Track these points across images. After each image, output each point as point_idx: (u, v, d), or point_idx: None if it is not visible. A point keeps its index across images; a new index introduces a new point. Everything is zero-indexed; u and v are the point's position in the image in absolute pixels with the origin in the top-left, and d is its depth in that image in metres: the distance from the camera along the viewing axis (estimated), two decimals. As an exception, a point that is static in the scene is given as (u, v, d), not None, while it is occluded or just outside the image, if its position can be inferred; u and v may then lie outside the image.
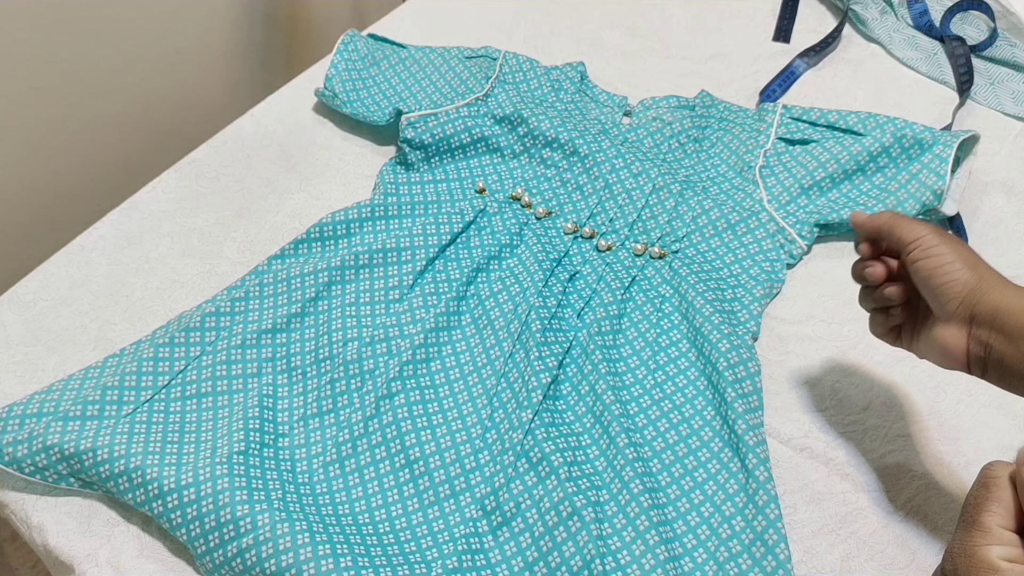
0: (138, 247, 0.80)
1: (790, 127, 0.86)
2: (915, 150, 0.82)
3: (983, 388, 0.72)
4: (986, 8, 1.02)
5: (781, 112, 0.87)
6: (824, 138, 0.84)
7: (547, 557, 0.60)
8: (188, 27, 1.07)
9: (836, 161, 0.82)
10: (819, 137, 0.85)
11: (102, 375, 0.68)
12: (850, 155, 0.82)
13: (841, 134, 0.84)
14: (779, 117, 0.86)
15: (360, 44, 0.92)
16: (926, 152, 0.82)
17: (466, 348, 0.71)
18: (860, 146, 0.82)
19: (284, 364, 0.69)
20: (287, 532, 0.57)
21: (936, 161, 0.80)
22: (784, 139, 0.85)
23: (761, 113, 0.88)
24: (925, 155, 0.81)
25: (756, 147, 0.84)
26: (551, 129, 0.83)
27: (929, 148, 0.82)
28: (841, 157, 0.82)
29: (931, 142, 0.82)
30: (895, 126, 0.83)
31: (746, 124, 0.87)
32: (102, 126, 1.05)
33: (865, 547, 0.64)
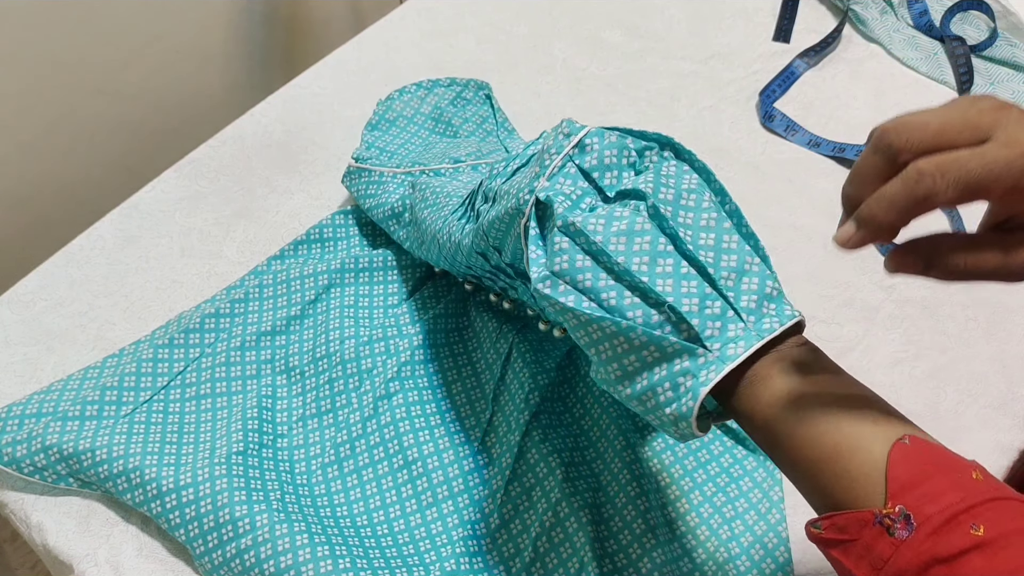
0: (138, 247, 0.80)
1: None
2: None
3: (983, 388, 0.72)
4: (986, 8, 1.02)
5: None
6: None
7: (544, 558, 0.60)
8: (188, 27, 1.07)
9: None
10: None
11: (101, 375, 0.68)
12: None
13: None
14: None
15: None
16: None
17: (463, 351, 0.71)
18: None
19: (283, 364, 0.69)
20: (286, 533, 0.57)
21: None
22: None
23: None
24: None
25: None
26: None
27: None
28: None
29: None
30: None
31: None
32: (102, 126, 1.05)
33: (865, 547, 0.63)
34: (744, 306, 0.45)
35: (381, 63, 0.96)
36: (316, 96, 0.93)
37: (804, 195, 0.86)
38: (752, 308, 0.45)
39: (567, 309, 0.46)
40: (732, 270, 0.46)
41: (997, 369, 0.73)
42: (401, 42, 0.99)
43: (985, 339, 0.75)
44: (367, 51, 0.98)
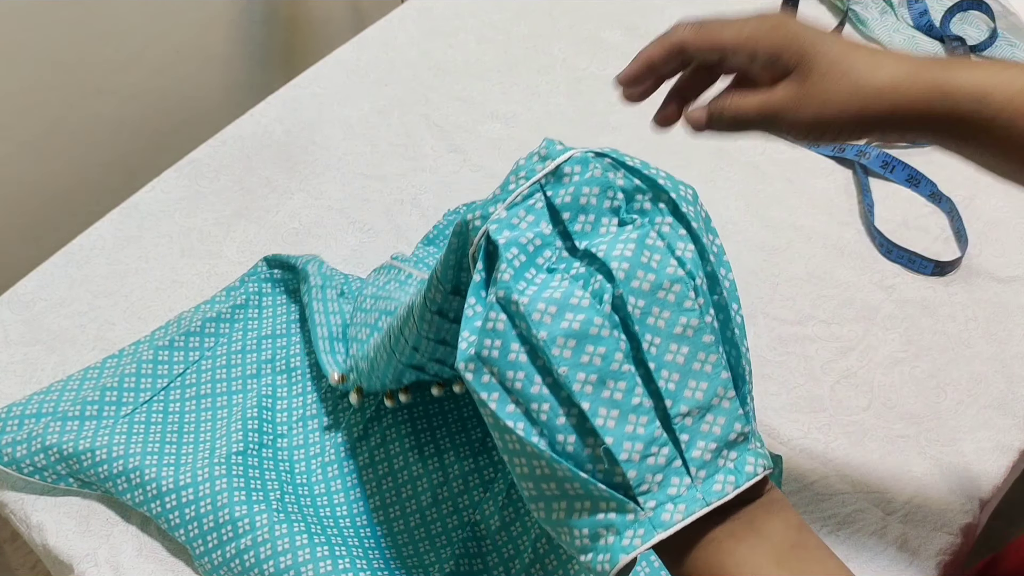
0: (138, 247, 0.80)
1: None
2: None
3: (983, 388, 0.72)
4: (986, 8, 1.02)
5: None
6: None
7: (544, 559, 0.60)
8: (188, 27, 1.07)
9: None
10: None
11: (101, 376, 0.68)
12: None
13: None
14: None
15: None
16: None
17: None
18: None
19: (283, 365, 0.69)
20: (286, 533, 0.57)
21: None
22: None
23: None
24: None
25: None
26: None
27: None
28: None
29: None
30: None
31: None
32: (102, 126, 1.05)
33: (865, 548, 0.63)
34: (696, 456, 0.36)
35: (381, 63, 0.97)
36: (316, 96, 0.93)
37: (804, 195, 0.86)
38: (706, 460, 0.36)
39: (485, 406, 0.37)
40: (696, 405, 0.37)
41: (997, 369, 0.73)
42: (401, 42, 0.99)
43: (985, 339, 0.75)
44: (367, 51, 0.98)
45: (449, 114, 0.92)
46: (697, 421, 0.37)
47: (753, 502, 0.37)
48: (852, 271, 0.80)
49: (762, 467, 0.37)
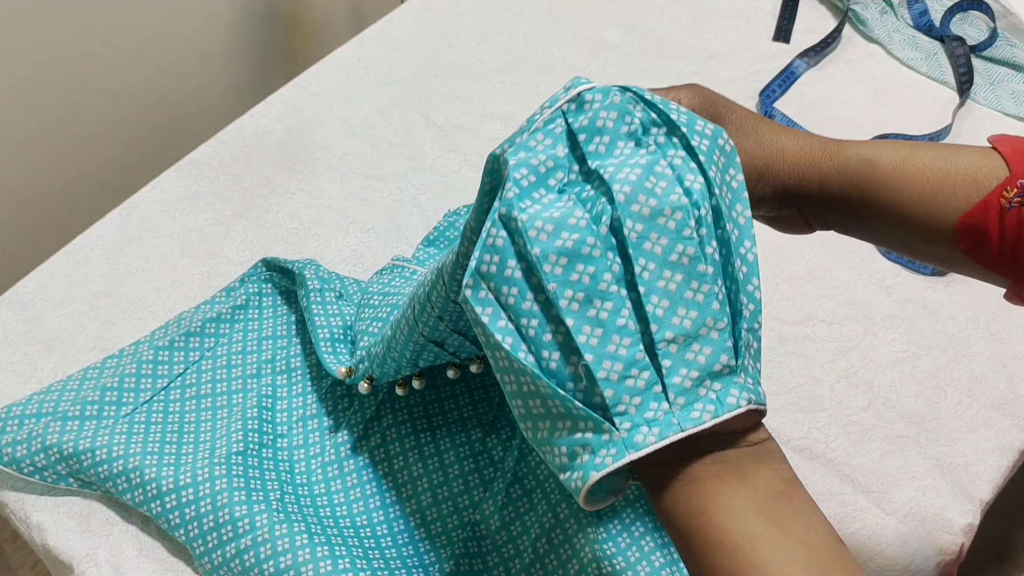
0: (138, 247, 0.80)
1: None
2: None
3: (983, 388, 0.72)
4: (986, 8, 1.02)
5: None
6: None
7: (544, 559, 0.60)
8: (188, 27, 1.07)
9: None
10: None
11: (101, 376, 0.68)
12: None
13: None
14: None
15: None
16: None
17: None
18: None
19: (284, 365, 0.69)
20: (286, 533, 0.57)
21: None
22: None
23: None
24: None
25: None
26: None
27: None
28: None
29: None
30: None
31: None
32: (102, 126, 1.05)
33: (865, 547, 0.63)
34: (677, 383, 0.36)
35: (381, 63, 0.97)
36: (316, 96, 0.93)
37: (804, 195, 0.86)
38: (686, 388, 0.36)
39: (478, 322, 0.38)
40: (683, 332, 0.36)
41: (997, 369, 0.73)
42: (401, 42, 0.99)
43: (985, 339, 0.75)
44: (367, 51, 0.98)
45: (449, 114, 0.92)
46: (682, 348, 0.36)
47: (746, 447, 0.37)
48: (852, 271, 0.80)
49: (746, 400, 0.36)
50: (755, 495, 0.36)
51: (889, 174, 0.43)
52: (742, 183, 0.40)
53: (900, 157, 0.43)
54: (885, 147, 0.44)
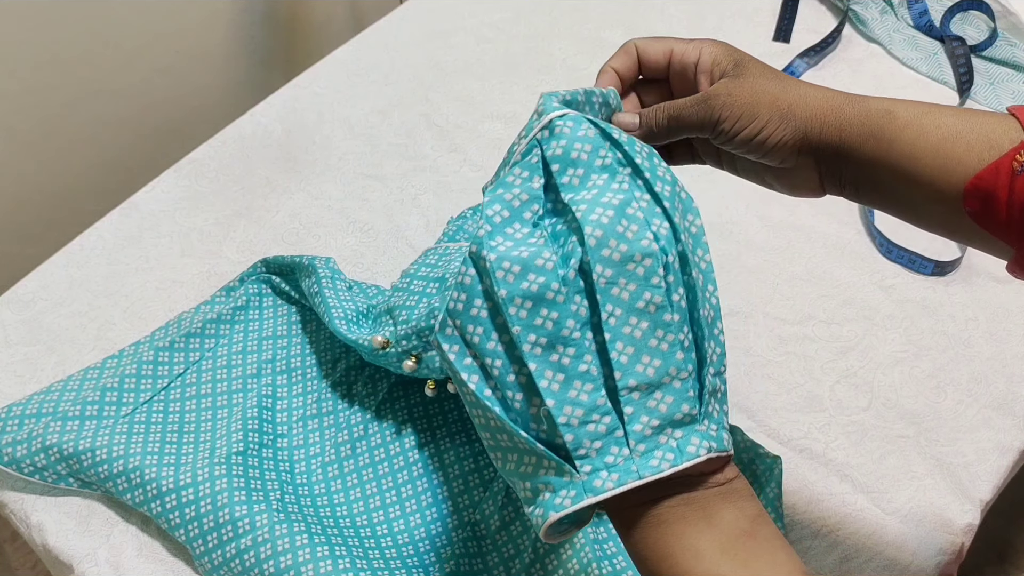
0: (138, 247, 0.80)
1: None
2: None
3: (983, 388, 0.72)
4: (986, 8, 1.02)
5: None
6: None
7: (544, 559, 0.60)
8: (188, 27, 1.07)
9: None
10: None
11: (101, 376, 0.68)
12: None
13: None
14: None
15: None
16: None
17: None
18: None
19: (284, 365, 0.69)
20: (286, 533, 0.57)
21: None
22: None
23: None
24: None
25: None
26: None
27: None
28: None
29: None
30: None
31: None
32: (102, 126, 1.05)
33: (865, 547, 0.63)
34: (637, 430, 0.36)
35: (381, 63, 0.97)
36: (316, 96, 0.93)
37: (804, 195, 0.86)
38: (646, 435, 0.36)
39: (445, 359, 0.38)
40: (646, 380, 0.37)
41: (997, 369, 0.73)
42: (401, 42, 0.99)
43: (985, 339, 0.75)
44: (367, 51, 0.98)
45: (449, 114, 0.92)
46: (644, 396, 0.37)
47: (712, 488, 0.38)
48: (852, 271, 0.80)
49: (706, 449, 0.37)
50: (720, 535, 0.37)
51: (906, 125, 0.43)
52: (701, 228, 0.40)
53: (918, 112, 0.44)
54: (905, 102, 0.45)
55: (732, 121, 0.44)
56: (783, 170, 0.47)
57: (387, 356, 0.61)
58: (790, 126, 0.44)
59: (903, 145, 0.43)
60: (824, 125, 0.44)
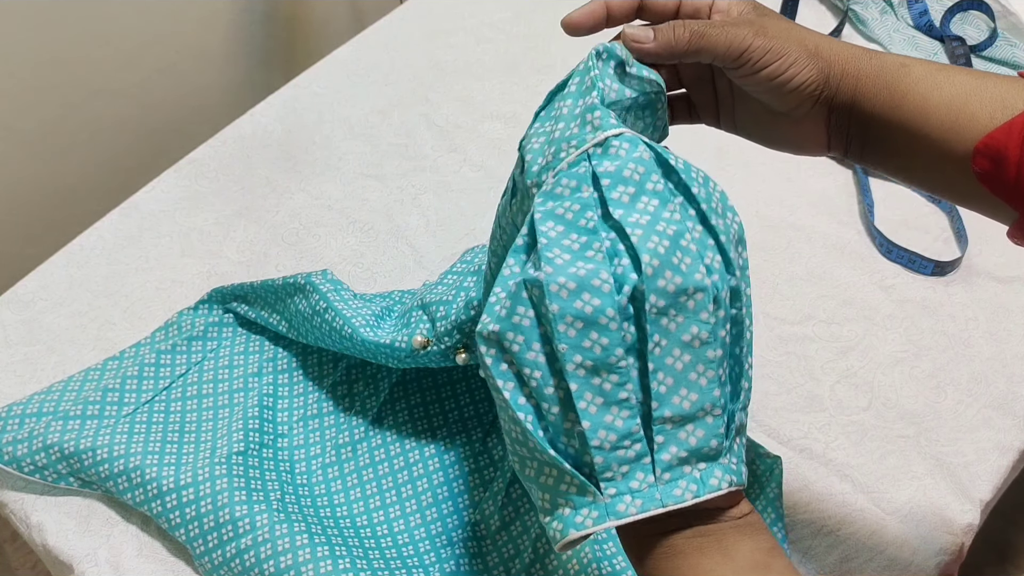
0: (138, 247, 0.80)
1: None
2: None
3: (983, 388, 0.72)
4: (986, 8, 1.02)
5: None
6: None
7: (544, 559, 0.60)
8: (188, 27, 1.07)
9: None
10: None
11: (103, 377, 0.68)
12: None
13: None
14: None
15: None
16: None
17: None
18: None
19: (285, 364, 0.69)
20: (286, 533, 0.57)
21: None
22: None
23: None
24: None
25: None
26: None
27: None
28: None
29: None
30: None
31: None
32: (102, 126, 1.05)
33: (865, 547, 0.63)
34: (665, 459, 0.37)
35: (381, 63, 0.97)
36: (316, 96, 0.93)
37: (804, 195, 0.86)
38: (673, 465, 0.37)
39: (483, 363, 0.38)
40: (681, 413, 0.37)
41: (997, 369, 0.73)
42: (401, 42, 0.99)
43: (985, 339, 0.75)
44: (367, 51, 0.98)
45: (449, 114, 0.92)
46: (677, 427, 0.37)
47: (728, 521, 0.38)
48: (852, 271, 0.80)
49: (728, 483, 0.37)
50: (735, 568, 0.37)
51: (921, 79, 0.43)
52: (747, 260, 0.40)
53: (933, 68, 0.43)
54: (920, 60, 0.45)
55: (761, 52, 0.42)
56: (791, 123, 0.46)
57: (428, 355, 0.60)
58: (816, 67, 0.43)
59: (916, 98, 0.43)
60: (844, 72, 0.44)
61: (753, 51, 0.42)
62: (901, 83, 0.43)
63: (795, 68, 0.43)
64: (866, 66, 0.44)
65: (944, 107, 0.42)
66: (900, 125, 0.43)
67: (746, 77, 0.43)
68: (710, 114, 0.49)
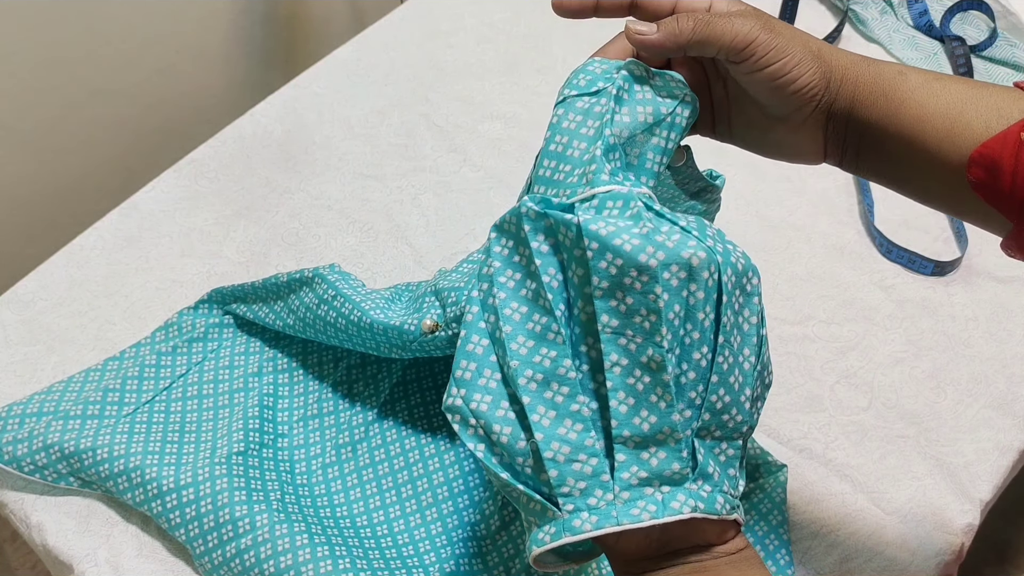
0: (137, 247, 0.80)
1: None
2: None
3: (983, 388, 0.72)
4: (986, 8, 1.02)
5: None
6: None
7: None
8: (188, 27, 1.07)
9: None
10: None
11: (103, 377, 0.68)
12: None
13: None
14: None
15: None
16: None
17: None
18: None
19: (285, 364, 0.69)
20: (286, 533, 0.57)
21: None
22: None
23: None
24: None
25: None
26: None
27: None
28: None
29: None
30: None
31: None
32: (102, 126, 1.05)
33: (865, 548, 0.63)
34: (625, 478, 0.36)
35: (381, 63, 0.97)
36: (316, 96, 0.93)
37: (804, 195, 0.86)
38: (632, 484, 0.36)
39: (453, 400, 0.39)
40: (640, 434, 0.37)
41: (997, 369, 0.73)
42: (401, 42, 0.99)
43: (985, 339, 0.75)
44: (367, 51, 0.98)
45: (449, 114, 0.92)
46: (638, 448, 0.37)
47: (723, 557, 0.38)
48: (852, 271, 0.80)
49: (691, 507, 0.36)
50: None
51: (918, 87, 0.43)
52: (756, 287, 0.40)
53: (930, 77, 0.44)
54: (917, 68, 0.45)
55: (766, 49, 0.42)
56: (788, 129, 0.45)
57: (435, 340, 0.60)
58: (819, 71, 0.43)
59: (913, 107, 0.43)
60: (843, 78, 0.44)
61: (759, 45, 0.41)
62: (898, 91, 0.43)
63: (799, 69, 0.42)
64: (864, 73, 0.44)
65: (940, 116, 0.42)
66: (896, 133, 0.44)
67: (749, 74, 0.43)
68: (706, 123, 0.48)
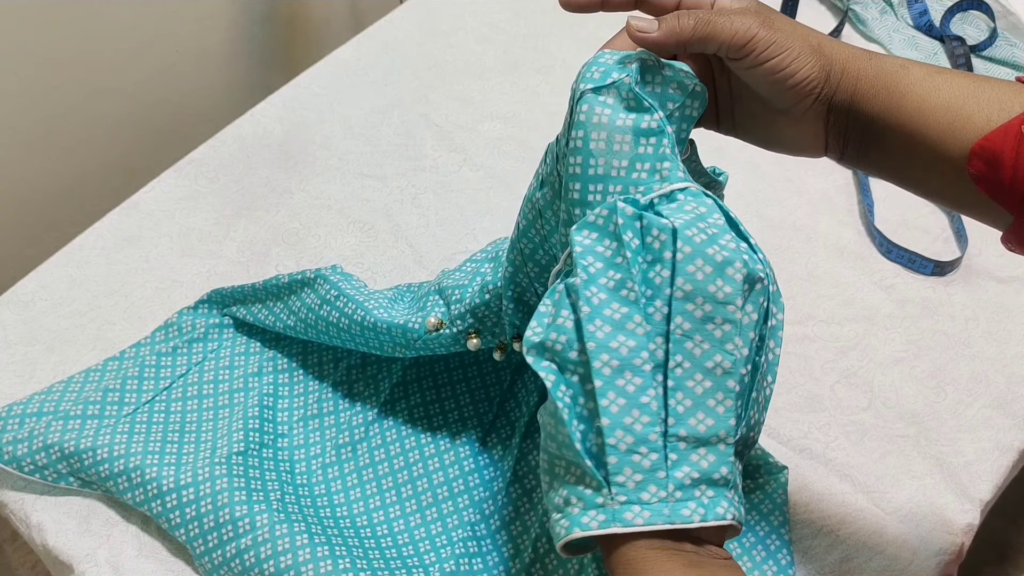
0: (137, 247, 0.80)
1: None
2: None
3: (983, 388, 0.72)
4: (986, 8, 1.02)
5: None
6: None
7: (544, 559, 0.60)
8: (188, 27, 1.07)
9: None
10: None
11: (103, 377, 0.68)
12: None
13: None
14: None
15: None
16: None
17: (473, 358, 0.71)
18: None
19: (285, 364, 0.69)
20: (286, 533, 0.57)
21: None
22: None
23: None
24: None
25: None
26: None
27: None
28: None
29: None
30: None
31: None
32: (102, 126, 1.05)
33: (865, 547, 0.63)
34: (679, 477, 0.38)
35: (381, 63, 0.97)
36: (316, 96, 0.93)
37: (804, 195, 0.86)
38: (685, 484, 0.37)
39: (528, 360, 0.40)
40: (695, 435, 0.38)
41: (997, 369, 0.73)
42: (401, 42, 0.99)
43: (985, 339, 0.75)
44: (367, 51, 0.98)
45: (449, 114, 0.92)
46: (690, 448, 0.38)
47: (719, 558, 0.39)
48: (852, 271, 0.80)
49: (731, 515, 0.38)
50: None
51: (919, 81, 0.43)
52: (780, 322, 0.41)
53: (932, 71, 0.44)
54: (918, 63, 0.45)
55: (766, 44, 0.42)
56: (790, 121, 0.46)
57: (439, 338, 0.60)
58: (818, 64, 0.44)
59: (914, 100, 0.43)
60: (844, 71, 0.44)
61: (758, 41, 0.42)
62: (900, 84, 0.44)
63: (798, 63, 0.43)
64: (866, 66, 0.44)
65: (942, 109, 0.43)
66: (898, 126, 0.44)
67: (749, 70, 0.43)
68: (710, 116, 0.49)
